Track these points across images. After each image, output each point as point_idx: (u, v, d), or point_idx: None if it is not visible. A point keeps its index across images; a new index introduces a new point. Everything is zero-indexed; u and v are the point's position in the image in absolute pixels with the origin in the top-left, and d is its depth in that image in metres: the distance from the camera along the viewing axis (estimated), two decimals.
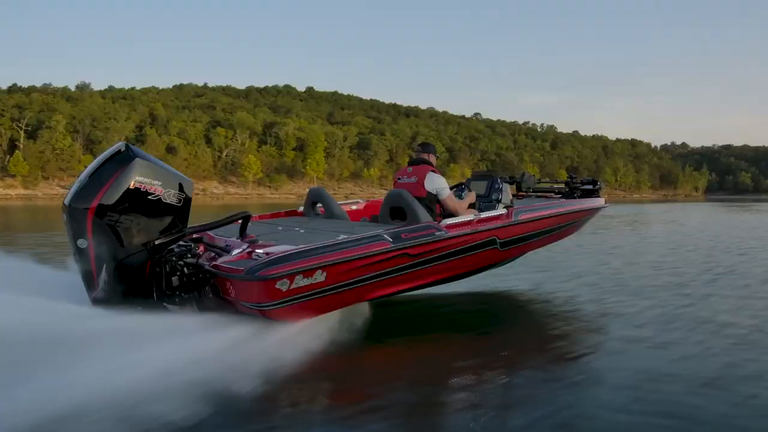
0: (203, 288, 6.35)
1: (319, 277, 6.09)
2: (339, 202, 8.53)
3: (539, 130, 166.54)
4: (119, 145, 6.26)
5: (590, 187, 9.76)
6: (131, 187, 5.91)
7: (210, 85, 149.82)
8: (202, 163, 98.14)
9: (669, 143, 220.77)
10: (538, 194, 10.21)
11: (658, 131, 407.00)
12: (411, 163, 7.96)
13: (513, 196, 9.21)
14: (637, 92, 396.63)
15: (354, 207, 9.02)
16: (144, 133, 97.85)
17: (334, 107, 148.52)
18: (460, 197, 8.18)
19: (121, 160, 6.00)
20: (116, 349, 5.23)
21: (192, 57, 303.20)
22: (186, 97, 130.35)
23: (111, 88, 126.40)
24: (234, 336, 6.06)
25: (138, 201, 5.97)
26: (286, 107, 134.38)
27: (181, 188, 6.28)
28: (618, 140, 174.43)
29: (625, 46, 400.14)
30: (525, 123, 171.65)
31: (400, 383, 5.75)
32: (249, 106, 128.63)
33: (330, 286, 6.26)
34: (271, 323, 6.30)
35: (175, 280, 6.28)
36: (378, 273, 6.60)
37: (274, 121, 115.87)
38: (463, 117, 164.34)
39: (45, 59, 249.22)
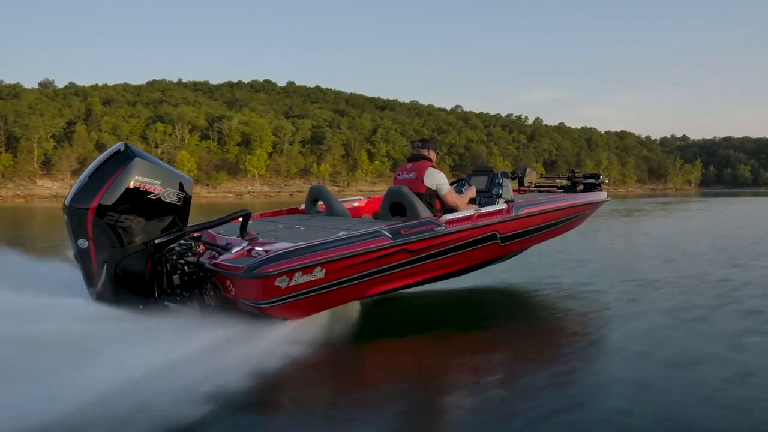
0: (204, 286, 6.73)
1: (318, 273, 6.50)
2: (340, 200, 8.97)
3: (517, 122, 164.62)
4: (119, 145, 6.61)
5: (592, 181, 10.47)
6: (131, 186, 6.30)
7: (184, 80, 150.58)
8: None
9: (669, 136, 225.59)
10: (541, 189, 10.82)
11: (664, 125, 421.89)
12: (410, 159, 8.38)
13: (515, 191, 9.79)
14: (645, 87, 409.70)
15: (356, 204, 9.48)
16: (73, 129, 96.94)
17: (305, 101, 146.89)
18: (460, 192, 8.62)
19: (121, 159, 6.39)
20: (112, 348, 5.56)
21: (182, 56, 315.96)
22: (151, 92, 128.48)
23: (72, 85, 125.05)
24: (231, 334, 6.45)
25: (138, 200, 6.35)
26: (243, 101, 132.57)
27: (181, 187, 6.70)
28: (606, 132, 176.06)
29: (631, 41, 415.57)
30: (508, 116, 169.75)
31: (399, 380, 6.13)
32: (205, 100, 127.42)
33: (329, 283, 6.66)
34: (270, 321, 6.67)
35: (176, 278, 6.66)
36: (377, 269, 7.02)
37: (223, 115, 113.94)
38: (442, 110, 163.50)
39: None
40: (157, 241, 6.58)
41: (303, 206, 9.27)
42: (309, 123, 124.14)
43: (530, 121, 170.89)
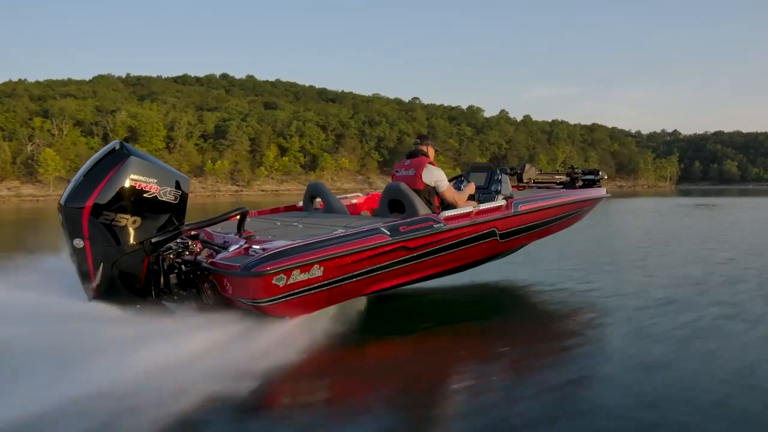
0: (201, 285, 7.23)
1: (317, 271, 7.04)
2: (338, 196, 9.50)
3: (467, 113, 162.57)
4: (114, 143, 7.07)
5: (591, 177, 11.24)
6: (126, 185, 6.80)
7: (134, 74, 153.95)
8: None
9: (659, 131, 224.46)
10: (540, 185, 11.47)
11: (665, 121, 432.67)
12: (409, 155, 8.91)
13: (514, 187, 10.32)
14: (647, 84, 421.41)
15: (354, 201, 10.07)
16: None
17: (249, 94, 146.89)
18: (459, 189, 9.15)
19: (116, 158, 6.90)
20: (113, 348, 6.10)
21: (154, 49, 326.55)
22: (68, 86, 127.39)
23: None
24: (230, 333, 7.00)
25: (134, 199, 6.88)
26: (158, 93, 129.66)
27: (177, 185, 7.19)
28: (574, 125, 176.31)
29: (631, 37, 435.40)
30: (469, 107, 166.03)
31: (400, 378, 6.63)
32: (110, 94, 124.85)
33: (328, 281, 7.18)
34: (268, 319, 7.20)
35: (173, 277, 7.19)
36: (376, 267, 7.54)
37: (118, 108, 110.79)
38: (371, 96, 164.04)
39: None
40: (153, 240, 7.09)
41: (301, 203, 9.83)
42: (215, 116, 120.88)
43: (492, 113, 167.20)
